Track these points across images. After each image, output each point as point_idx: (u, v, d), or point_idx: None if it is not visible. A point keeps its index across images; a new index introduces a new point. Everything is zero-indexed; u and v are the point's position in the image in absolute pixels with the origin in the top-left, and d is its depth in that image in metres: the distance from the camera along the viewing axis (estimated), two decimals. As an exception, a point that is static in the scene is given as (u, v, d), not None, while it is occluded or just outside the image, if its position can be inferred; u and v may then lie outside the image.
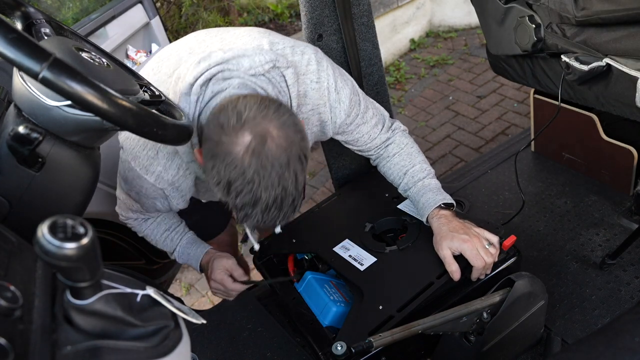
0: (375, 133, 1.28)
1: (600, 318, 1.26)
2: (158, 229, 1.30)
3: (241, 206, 0.87)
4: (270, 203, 0.87)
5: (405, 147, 1.29)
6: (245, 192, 0.85)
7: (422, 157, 1.29)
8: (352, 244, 1.30)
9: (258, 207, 0.87)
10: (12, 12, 0.85)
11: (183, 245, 1.31)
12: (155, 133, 0.76)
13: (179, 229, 1.32)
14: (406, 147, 1.29)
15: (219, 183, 0.87)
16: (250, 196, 0.86)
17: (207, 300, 2.47)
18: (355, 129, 1.24)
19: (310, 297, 1.24)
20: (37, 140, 0.74)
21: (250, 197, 0.86)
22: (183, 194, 1.14)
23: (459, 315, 1.01)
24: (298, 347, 1.31)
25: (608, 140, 1.56)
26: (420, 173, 1.24)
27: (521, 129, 2.50)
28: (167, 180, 1.08)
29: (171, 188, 1.10)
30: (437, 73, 3.65)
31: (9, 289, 0.50)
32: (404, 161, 1.27)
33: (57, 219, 0.48)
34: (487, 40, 1.63)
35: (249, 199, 0.86)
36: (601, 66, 1.17)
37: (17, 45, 0.60)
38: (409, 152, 1.28)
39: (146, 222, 1.29)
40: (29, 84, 0.74)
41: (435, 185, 1.23)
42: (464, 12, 3.98)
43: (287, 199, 0.88)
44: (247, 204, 0.87)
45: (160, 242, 1.31)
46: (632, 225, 1.48)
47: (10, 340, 0.45)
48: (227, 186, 0.86)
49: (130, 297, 0.62)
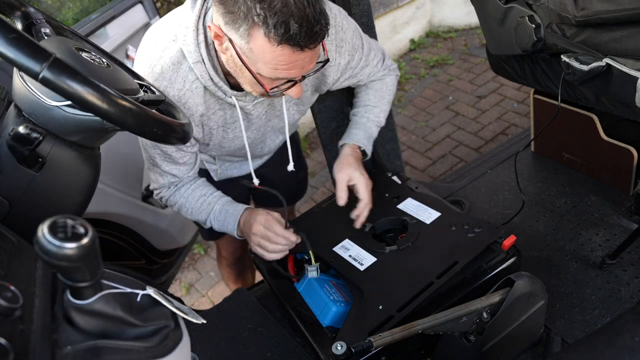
0: (375, 71, 1.37)
1: (600, 318, 1.26)
2: (193, 194, 1.28)
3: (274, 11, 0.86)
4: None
5: (384, 90, 1.42)
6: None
7: (387, 107, 1.44)
8: (352, 244, 1.30)
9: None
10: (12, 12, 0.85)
11: (222, 204, 1.29)
12: (155, 133, 0.76)
13: (216, 194, 1.30)
14: (385, 90, 1.42)
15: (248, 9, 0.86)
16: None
17: (207, 300, 2.47)
18: (359, 72, 1.31)
19: (310, 297, 1.24)
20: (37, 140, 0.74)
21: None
22: (191, 113, 1.11)
23: (459, 315, 1.01)
24: (298, 347, 1.31)
25: (608, 140, 1.56)
26: (373, 116, 1.39)
27: (521, 129, 2.50)
28: (174, 97, 1.07)
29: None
30: (437, 73, 3.65)
31: (9, 289, 0.50)
32: (373, 98, 1.41)
33: (57, 219, 0.48)
34: (487, 40, 1.63)
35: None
36: (601, 66, 1.17)
37: (17, 45, 0.60)
38: (382, 95, 1.42)
39: (179, 191, 1.28)
40: (29, 84, 0.74)
41: (371, 134, 1.41)
42: (464, 12, 3.98)
43: None
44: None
45: (196, 209, 1.29)
46: (632, 225, 1.48)
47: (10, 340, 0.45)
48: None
49: (131, 297, 0.62)
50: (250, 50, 0.93)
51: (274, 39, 0.88)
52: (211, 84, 1.08)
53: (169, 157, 1.20)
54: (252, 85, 1.03)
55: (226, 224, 1.29)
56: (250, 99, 1.16)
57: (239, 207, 1.29)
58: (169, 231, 2.06)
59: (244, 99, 1.15)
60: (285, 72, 0.96)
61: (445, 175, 2.63)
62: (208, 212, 1.29)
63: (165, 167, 1.22)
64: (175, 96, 1.07)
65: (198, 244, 2.77)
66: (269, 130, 1.32)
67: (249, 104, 1.17)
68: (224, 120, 1.20)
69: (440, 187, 1.87)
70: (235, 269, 1.92)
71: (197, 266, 2.70)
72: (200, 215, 1.30)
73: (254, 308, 1.47)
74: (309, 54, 0.94)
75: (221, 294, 2.42)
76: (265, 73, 0.96)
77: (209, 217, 1.30)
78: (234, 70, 1.03)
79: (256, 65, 0.95)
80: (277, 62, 0.93)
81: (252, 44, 0.91)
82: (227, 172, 1.46)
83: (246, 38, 0.90)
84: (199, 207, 1.29)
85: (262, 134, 1.31)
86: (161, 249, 2.07)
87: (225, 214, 1.28)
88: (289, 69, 0.95)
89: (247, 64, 0.96)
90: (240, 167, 1.47)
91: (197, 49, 1.03)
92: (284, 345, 1.33)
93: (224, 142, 1.25)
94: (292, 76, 0.98)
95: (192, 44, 1.02)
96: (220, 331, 1.43)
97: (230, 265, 1.90)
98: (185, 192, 1.28)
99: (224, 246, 1.81)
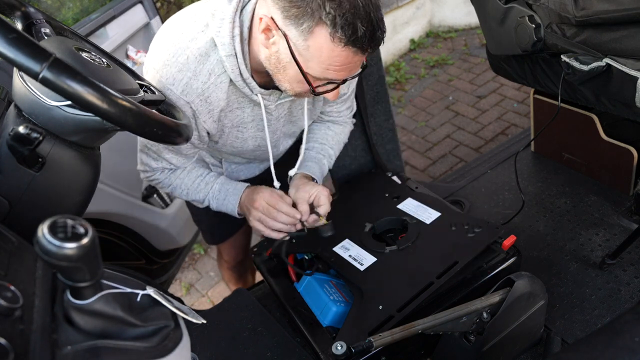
0: (346, 113, 1.41)
1: (600, 318, 1.26)
2: (189, 175, 1.26)
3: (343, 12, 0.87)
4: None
5: (342, 137, 1.45)
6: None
7: (337, 154, 1.45)
8: (352, 244, 1.30)
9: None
10: (12, 12, 0.85)
11: (221, 182, 1.26)
12: (155, 133, 0.76)
13: (212, 173, 1.28)
14: (343, 137, 1.45)
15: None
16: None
17: (207, 300, 2.47)
18: (339, 103, 1.34)
19: (310, 297, 1.24)
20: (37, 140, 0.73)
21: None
22: (211, 108, 1.08)
23: (459, 315, 1.01)
24: (298, 347, 1.31)
25: (608, 140, 1.56)
26: (327, 156, 1.40)
27: (521, 129, 2.50)
28: (196, 89, 1.04)
29: (199, 100, 1.06)
30: (437, 73, 3.65)
31: (9, 289, 0.50)
32: (332, 140, 1.41)
33: (57, 219, 0.48)
34: (487, 40, 1.63)
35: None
36: (601, 66, 1.17)
37: (17, 45, 0.60)
38: (338, 140, 1.44)
39: (174, 173, 1.25)
40: (29, 84, 0.74)
41: (323, 172, 1.39)
42: (463, 12, 3.98)
43: None
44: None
45: (193, 189, 1.26)
46: (632, 225, 1.48)
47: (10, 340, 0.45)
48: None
49: (131, 297, 0.62)
50: (306, 48, 0.92)
51: (339, 39, 0.88)
52: (240, 80, 1.05)
53: (176, 148, 1.17)
54: (293, 84, 1.02)
55: (226, 203, 1.26)
56: (273, 99, 1.14)
57: (240, 186, 1.26)
58: (169, 231, 2.05)
59: (268, 98, 1.13)
60: (335, 74, 0.96)
61: (445, 175, 2.63)
62: (207, 192, 1.26)
63: (165, 155, 1.18)
64: (198, 89, 1.04)
65: (198, 244, 2.76)
66: (282, 135, 1.31)
67: (272, 104, 1.15)
68: (240, 119, 1.17)
69: (440, 187, 1.87)
70: (236, 272, 1.92)
71: (197, 266, 2.70)
72: (198, 194, 1.27)
73: (254, 308, 1.47)
74: (362, 58, 0.95)
75: (221, 294, 2.42)
76: (314, 72, 0.96)
77: (207, 197, 1.27)
78: (275, 67, 1.00)
79: (307, 63, 0.95)
80: (331, 62, 0.93)
81: (311, 41, 0.90)
82: (233, 175, 1.44)
83: (306, 35, 0.90)
84: (196, 186, 1.26)
85: (277, 137, 1.30)
86: (161, 249, 2.07)
87: (226, 192, 1.26)
88: (340, 70, 0.95)
89: (298, 61, 0.94)
90: (247, 170, 1.46)
91: (231, 42, 1.00)
92: (284, 345, 1.33)
93: (236, 142, 1.23)
94: (339, 78, 0.98)
95: (227, 36, 1.00)
96: (220, 331, 1.43)
97: (231, 269, 1.89)
98: (181, 174, 1.25)
99: (226, 250, 1.79)
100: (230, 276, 1.94)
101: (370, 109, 1.69)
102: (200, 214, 1.58)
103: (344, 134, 1.45)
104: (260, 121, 1.19)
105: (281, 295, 1.29)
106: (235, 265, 1.87)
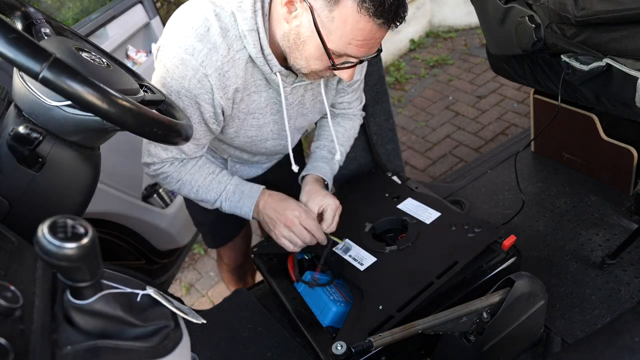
0: (356, 104, 1.41)
1: (600, 318, 1.26)
2: (200, 172, 1.21)
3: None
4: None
5: (351, 132, 1.45)
6: None
7: (348, 150, 1.45)
8: (352, 244, 1.30)
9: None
10: (12, 12, 0.85)
11: (235, 183, 1.23)
12: (155, 133, 0.76)
13: (225, 172, 1.25)
14: (352, 133, 1.45)
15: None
16: None
17: (207, 300, 2.47)
18: (350, 92, 1.33)
19: (310, 297, 1.24)
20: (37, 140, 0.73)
21: None
22: (227, 84, 1.05)
23: (459, 315, 1.01)
24: (298, 347, 1.31)
25: (608, 140, 1.56)
26: (338, 155, 1.38)
27: (521, 129, 2.50)
28: (215, 62, 1.01)
29: (217, 74, 1.02)
30: (437, 73, 3.65)
31: (9, 289, 0.50)
32: (342, 137, 1.41)
33: (57, 219, 0.48)
34: (487, 40, 1.63)
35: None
36: (601, 66, 1.17)
37: (17, 45, 0.60)
38: (348, 137, 1.44)
39: (185, 167, 1.19)
40: (29, 84, 0.74)
41: (334, 171, 1.41)
42: (464, 12, 3.98)
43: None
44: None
45: (204, 187, 1.22)
46: (632, 225, 1.48)
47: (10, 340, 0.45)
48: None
49: (131, 297, 0.62)
50: (331, 20, 0.92)
51: (366, 9, 0.88)
52: (260, 56, 1.03)
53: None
54: (310, 60, 1.01)
55: (240, 205, 1.23)
56: (290, 81, 1.12)
57: (255, 189, 1.23)
58: (169, 231, 2.06)
59: (285, 80, 1.11)
60: (355, 49, 0.96)
61: (445, 175, 2.62)
62: (219, 192, 1.22)
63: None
64: (217, 61, 1.01)
65: (198, 244, 2.76)
66: (294, 127, 1.28)
67: (288, 86, 1.13)
68: (257, 104, 1.14)
69: (440, 187, 1.87)
70: (236, 274, 1.91)
71: (197, 266, 2.70)
72: (209, 194, 1.22)
73: (254, 308, 1.47)
74: (384, 34, 0.96)
75: (221, 294, 2.42)
76: (335, 47, 0.95)
77: (219, 197, 1.23)
78: (294, 43, 0.99)
79: (330, 36, 0.94)
80: (354, 35, 0.93)
81: (336, 12, 0.90)
82: (238, 174, 1.41)
83: (332, 5, 0.90)
84: (208, 184, 1.22)
85: (291, 128, 1.26)
86: (161, 249, 2.07)
87: (240, 194, 1.23)
88: (360, 46, 0.95)
89: (321, 33, 0.94)
90: (251, 169, 1.44)
91: (253, 16, 0.99)
92: (284, 345, 1.33)
93: (251, 131, 1.19)
94: (358, 54, 0.98)
95: (249, 10, 0.99)
96: (220, 331, 1.43)
97: (231, 271, 1.89)
98: (191, 169, 1.20)
99: (226, 253, 1.78)
100: (230, 278, 1.94)
101: (370, 109, 1.69)
102: (201, 217, 1.57)
103: (354, 129, 1.45)
104: (274, 105, 1.17)
105: (281, 295, 1.29)
106: (235, 268, 1.86)
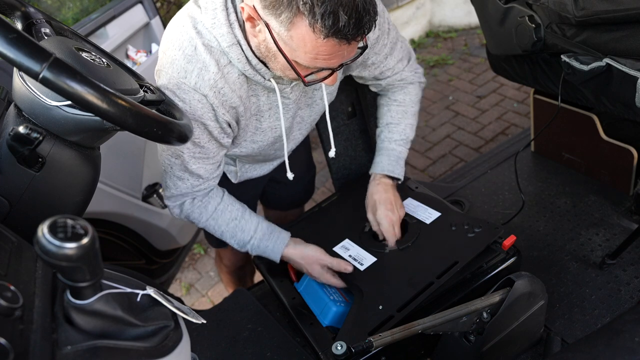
0: (400, 68, 1.30)
1: (600, 318, 1.26)
2: (222, 217, 1.22)
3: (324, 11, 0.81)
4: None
5: (407, 103, 1.36)
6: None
7: (412, 120, 1.38)
8: (352, 244, 1.30)
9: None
10: (12, 12, 0.85)
11: (259, 238, 1.26)
12: (155, 133, 0.76)
13: (246, 216, 1.25)
14: (408, 103, 1.36)
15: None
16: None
17: (207, 300, 2.47)
18: (383, 61, 1.24)
19: (310, 297, 1.24)
20: (37, 140, 0.74)
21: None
22: (225, 99, 1.02)
23: (459, 315, 1.01)
24: (298, 347, 1.31)
25: (608, 140, 1.56)
26: (397, 135, 1.34)
27: (521, 129, 2.50)
28: (208, 81, 0.98)
29: (213, 93, 1.00)
30: (437, 73, 3.65)
31: (9, 289, 0.50)
32: (396, 115, 1.35)
33: (57, 219, 0.48)
34: (487, 40, 1.63)
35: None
36: (601, 66, 1.17)
37: (17, 45, 0.60)
38: (404, 110, 1.36)
39: (207, 209, 1.21)
40: (29, 84, 0.74)
41: (398, 155, 1.36)
42: (464, 12, 3.98)
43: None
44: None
45: (228, 234, 1.24)
46: (632, 225, 1.48)
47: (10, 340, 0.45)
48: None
49: (131, 297, 0.62)
50: (290, 38, 0.86)
51: (320, 30, 0.82)
52: (249, 68, 1.00)
53: (201, 151, 1.10)
54: (285, 71, 0.97)
55: (266, 255, 1.28)
56: (288, 82, 1.09)
57: (278, 242, 1.26)
58: (169, 231, 2.05)
59: (281, 81, 1.08)
60: (325, 62, 0.90)
61: (445, 175, 2.62)
62: (244, 241, 1.26)
63: (192, 165, 1.11)
64: (209, 80, 0.98)
65: (198, 244, 2.77)
66: (301, 120, 1.26)
67: (288, 87, 1.10)
68: (257, 108, 1.11)
69: (440, 187, 1.87)
70: (236, 276, 1.90)
71: (197, 266, 2.70)
72: (233, 240, 1.26)
73: (254, 308, 1.47)
74: (354, 45, 0.89)
75: (221, 294, 2.42)
76: (303, 62, 0.90)
77: (245, 247, 1.27)
78: (266, 55, 0.96)
79: (294, 53, 0.89)
80: (318, 52, 0.87)
81: (293, 32, 0.85)
82: (247, 174, 1.40)
83: (287, 26, 0.84)
84: (232, 230, 1.24)
85: (297, 122, 1.25)
86: (161, 249, 2.07)
87: (265, 248, 1.27)
88: (330, 59, 0.89)
89: (283, 51, 0.89)
90: (261, 168, 1.42)
91: (230, 30, 0.95)
92: (284, 345, 1.33)
93: (256, 136, 1.17)
94: (331, 66, 0.92)
95: (224, 25, 0.95)
96: (220, 331, 1.43)
97: (231, 273, 1.88)
98: (214, 214, 1.22)
99: (227, 255, 1.77)
100: (229, 280, 1.94)
101: (370, 109, 1.69)
102: None
103: (409, 98, 1.35)
104: (277, 108, 1.13)
105: (281, 295, 1.29)
106: (234, 270, 1.86)
